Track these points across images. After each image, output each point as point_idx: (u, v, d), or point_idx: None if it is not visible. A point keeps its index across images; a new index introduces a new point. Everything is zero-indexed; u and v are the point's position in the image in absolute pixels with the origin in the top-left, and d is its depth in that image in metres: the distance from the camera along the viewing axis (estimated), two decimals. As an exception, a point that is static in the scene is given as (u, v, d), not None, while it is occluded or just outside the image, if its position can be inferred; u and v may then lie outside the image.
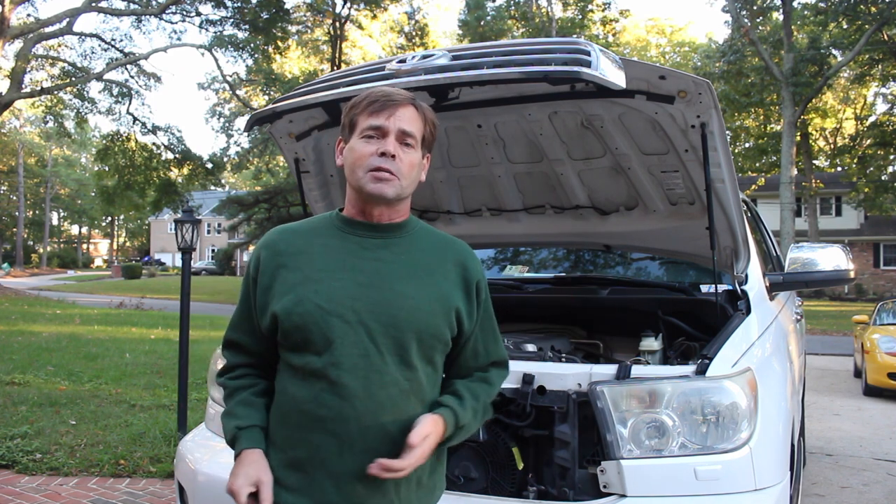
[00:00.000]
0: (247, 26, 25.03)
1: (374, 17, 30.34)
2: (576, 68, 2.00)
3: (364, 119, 1.47)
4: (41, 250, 65.29)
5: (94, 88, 42.35)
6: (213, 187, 34.87)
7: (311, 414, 1.40)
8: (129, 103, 26.06)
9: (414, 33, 31.93)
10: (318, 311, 1.41)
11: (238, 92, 30.27)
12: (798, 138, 28.27)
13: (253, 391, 1.52)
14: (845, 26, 25.93)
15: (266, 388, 1.54)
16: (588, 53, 2.04)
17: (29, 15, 25.17)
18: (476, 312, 1.55)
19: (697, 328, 2.83)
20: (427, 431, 1.40)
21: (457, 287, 1.51)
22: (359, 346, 1.40)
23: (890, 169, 31.56)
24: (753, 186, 30.05)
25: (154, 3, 24.78)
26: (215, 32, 25.87)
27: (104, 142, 28.05)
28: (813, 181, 31.30)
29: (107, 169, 28.89)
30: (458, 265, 1.53)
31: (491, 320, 1.60)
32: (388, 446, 1.41)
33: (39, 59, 25.96)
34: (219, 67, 28.75)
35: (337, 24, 29.93)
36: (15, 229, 60.78)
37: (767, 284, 3.02)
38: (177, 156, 27.02)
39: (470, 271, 1.54)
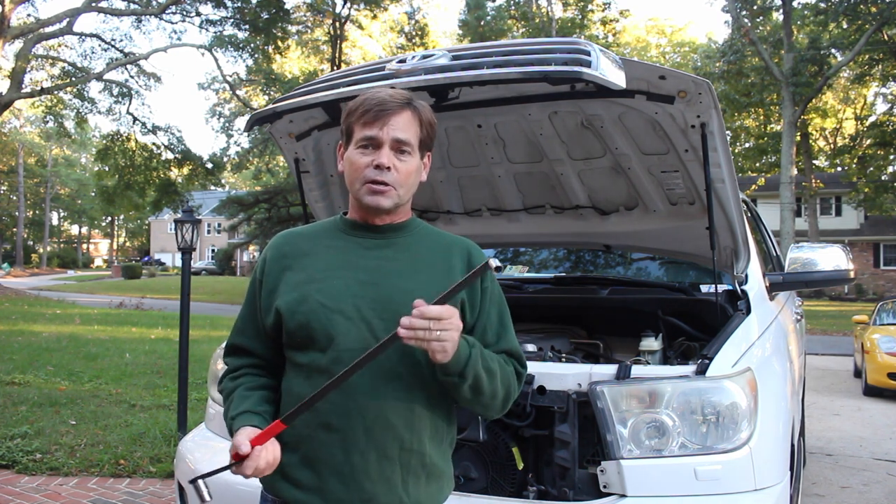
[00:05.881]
0: (247, 26, 25.01)
1: (374, 17, 30.33)
2: (576, 68, 2.00)
3: (359, 129, 1.46)
4: (41, 250, 65.29)
5: (94, 88, 42.38)
6: (213, 187, 34.87)
7: (316, 411, 1.40)
8: (129, 103, 26.06)
9: (414, 33, 31.90)
10: (321, 309, 1.43)
11: (238, 92, 30.24)
12: (798, 138, 28.27)
13: (247, 387, 1.51)
14: (845, 26, 25.92)
15: (266, 384, 1.53)
16: (588, 53, 2.05)
17: (29, 15, 25.20)
18: (480, 299, 1.51)
19: (697, 328, 2.83)
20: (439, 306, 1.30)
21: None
22: (361, 341, 1.41)
23: (890, 169, 31.58)
24: (753, 186, 30.05)
25: (154, 3, 24.77)
26: (215, 32, 25.88)
27: (104, 142, 28.02)
28: (813, 181, 31.30)
29: (107, 169, 28.87)
30: (462, 260, 1.52)
31: (499, 310, 1.55)
32: (392, 442, 1.41)
33: (39, 59, 25.96)
34: (219, 67, 28.73)
35: (337, 24, 29.92)
36: (15, 229, 60.77)
37: (767, 284, 3.01)
38: (177, 156, 27.01)
39: (474, 261, 1.52)
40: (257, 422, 1.41)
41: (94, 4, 23.70)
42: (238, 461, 1.34)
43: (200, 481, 1.36)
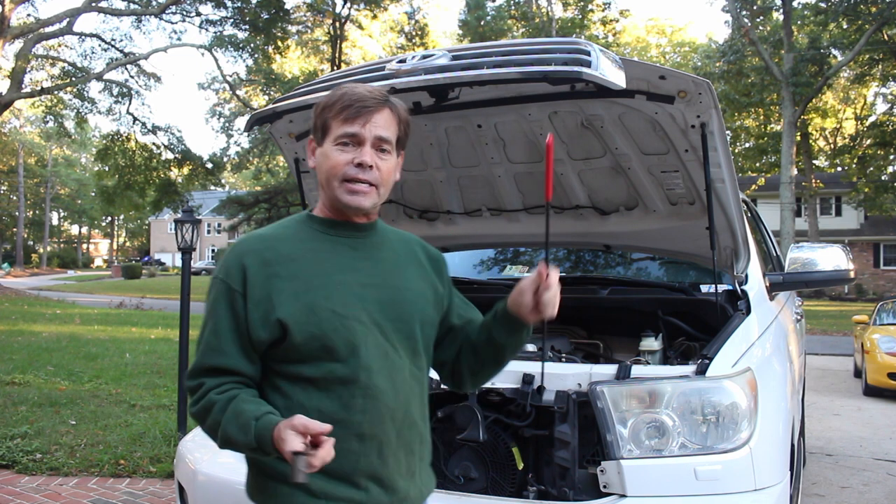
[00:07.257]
0: (247, 26, 25.01)
1: (374, 17, 30.32)
2: (576, 68, 2.00)
3: (338, 125, 1.42)
4: (41, 250, 65.27)
5: (94, 88, 42.32)
6: (213, 187, 34.84)
7: (346, 422, 1.35)
8: (129, 103, 26.04)
9: (414, 33, 31.89)
10: (335, 318, 1.37)
11: (238, 92, 30.23)
12: (798, 138, 28.26)
13: (250, 394, 1.38)
14: (845, 26, 25.93)
15: (262, 401, 1.38)
16: (588, 53, 2.05)
17: (29, 15, 25.19)
18: (446, 290, 1.59)
19: (697, 328, 2.83)
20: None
21: (433, 273, 1.57)
22: (379, 346, 1.41)
23: (890, 169, 31.58)
24: (753, 186, 30.03)
25: (154, 3, 24.77)
26: (215, 32, 25.85)
27: (104, 142, 28.01)
28: (813, 181, 31.30)
29: (107, 169, 28.86)
30: (424, 255, 1.59)
31: (457, 291, 1.67)
32: (416, 436, 1.47)
33: (39, 59, 25.95)
34: (219, 67, 28.75)
35: (337, 24, 29.91)
36: (15, 229, 60.76)
37: (767, 284, 3.01)
38: (177, 156, 26.99)
39: (433, 256, 1.61)
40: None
41: (94, 4, 23.70)
42: (313, 447, 1.20)
43: (301, 458, 1.18)
